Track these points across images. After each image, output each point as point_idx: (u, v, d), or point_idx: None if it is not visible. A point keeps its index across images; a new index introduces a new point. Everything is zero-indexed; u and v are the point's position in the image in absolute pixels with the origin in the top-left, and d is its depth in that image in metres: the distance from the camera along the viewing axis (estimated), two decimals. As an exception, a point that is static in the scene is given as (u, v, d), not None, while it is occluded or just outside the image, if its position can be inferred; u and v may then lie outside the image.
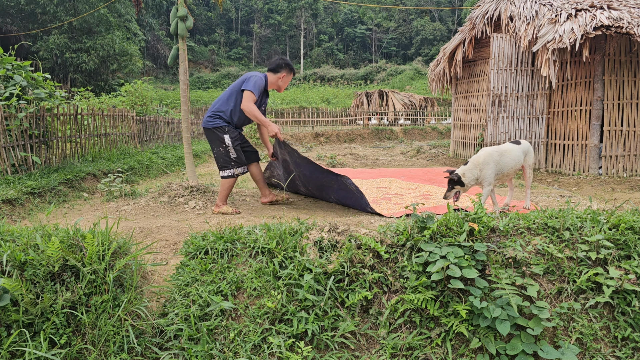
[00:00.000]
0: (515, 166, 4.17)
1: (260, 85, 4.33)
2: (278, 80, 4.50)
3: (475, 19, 9.66)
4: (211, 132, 4.40)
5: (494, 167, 4.00)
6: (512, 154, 4.15)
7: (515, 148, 4.23)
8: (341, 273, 2.21)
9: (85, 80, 26.45)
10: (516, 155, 4.18)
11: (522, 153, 4.25)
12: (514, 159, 4.14)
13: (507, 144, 4.28)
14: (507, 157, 4.09)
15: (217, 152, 4.45)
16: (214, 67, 54.05)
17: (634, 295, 2.07)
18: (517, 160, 4.17)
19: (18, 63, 6.67)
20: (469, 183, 3.97)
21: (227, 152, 4.42)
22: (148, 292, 2.30)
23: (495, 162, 4.00)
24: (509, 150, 4.15)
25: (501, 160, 4.05)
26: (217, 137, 4.38)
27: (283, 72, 4.48)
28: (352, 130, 19.23)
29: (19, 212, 4.90)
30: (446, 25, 58.12)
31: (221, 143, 4.39)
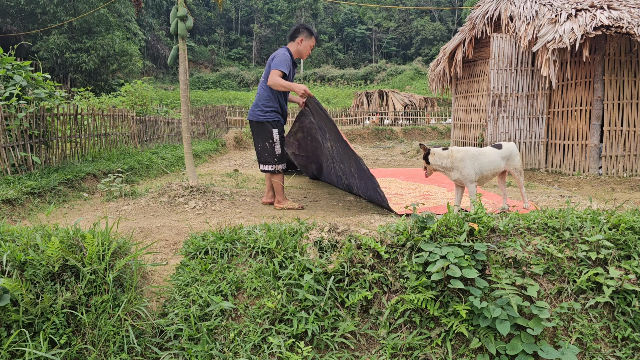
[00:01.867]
0: (494, 170, 4.11)
1: (286, 59, 4.29)
2: (297, 46, 4.44)
3: (475, 19, 9.66)
4: (260, 126, 4.37)
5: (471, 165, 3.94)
6: (490, 157, 4.09)
7: (494, 152, 4.16)
8: (341, 273, 2.21)
9: (85, 80, 26.44)
10: (493, 159, 4.11)
11: (500, 158, 4.16)
12: (492, 162, 4.08)
13: (487, 147, 4.23)
14: (485, 159, 4.03)
15: (261, 146, 4.43)
16: (214, 67, 54.04)
17: (634, 295, 2.06)
18: (495, 164, 4.11)
19: (18, 63, 6.67)
20: (433, 164, 3.99)
21: (272, 148, 4.40)
22: (148, 292, 2.30)
23: (471, 160, 3.95)
24: (487, 153, 4.10)
25: (478, 159, 3.99)
26: (266, 130, 4.36)
27: (300, 36, 4.43)
28: (352, 130, 19.23)
29: (19, 212, 4.90)
30: (446, 25, 58.11)
31: (269, 137, 4.37)
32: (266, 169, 4.48)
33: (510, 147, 4.29)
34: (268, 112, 4.37)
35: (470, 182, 3.95)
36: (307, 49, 4.50)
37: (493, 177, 4.22)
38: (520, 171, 4.32)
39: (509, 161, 4.24)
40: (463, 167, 3.94)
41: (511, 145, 4.31)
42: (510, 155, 4.23)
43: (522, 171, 4.33)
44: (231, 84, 48.76)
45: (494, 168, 4.11)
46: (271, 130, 4.36)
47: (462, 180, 3.98)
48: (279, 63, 4.26)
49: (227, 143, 14.98)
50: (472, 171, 3.94)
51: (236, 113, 20.49)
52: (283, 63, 4.26)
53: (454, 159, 3.96)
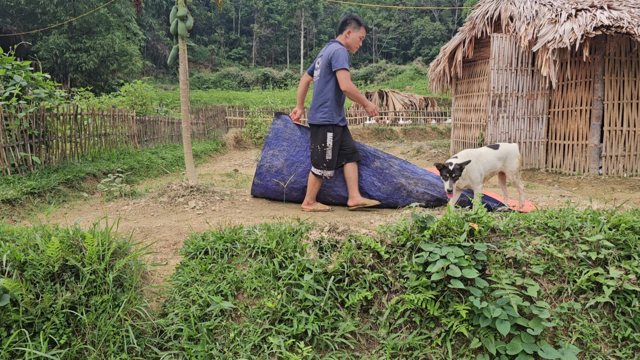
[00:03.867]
0: (491, 170, 4.08)
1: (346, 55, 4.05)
2: (345, 39, 4.17)
3: (475, 18, 9.66)
4: (316, 128, 4.21)
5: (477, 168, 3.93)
6: (486, 157, 4.06)
7: (490, 153, 4.12)
8: (341, 273, 2.21)
9: (85, 80, 26.45)
10: (490, 159, 4.07)
11: (496, 159, 4.12)
12: (489, 161, 4.05)
13: (484, 147, 4.16)
14: (484, 160, 4.01)
15: (314, 148, 4.26)
16: (214, 67, 54.06)
17: (634, 295, 2.06)
18: (492, 165, 4.08)
19: (18, 63, 6.67)
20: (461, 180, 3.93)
21: (323, 152, 4.20)
22: (148, 292, 2.30)
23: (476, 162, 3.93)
24: (484, 154, 4.07)
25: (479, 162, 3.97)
26: (321, 133, 4.18)
27: (348, 28, 4.15)
28: (352, 130, 19.23)
29: (19, 212, 4.90)
30: (446, 25, 58.11)
31: (322, 141, 4.18)
32: (315, 172, 4.29)
33: (509, 148, 4.21)
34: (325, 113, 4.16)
35: (477, 184, 3.93)
36: (357, 41, 4.20)
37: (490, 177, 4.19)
38: (516, 173, 4.21)
39: (506, 162, 4.18)
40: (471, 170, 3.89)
41: (510, 147, 4.22)
42: (507, 156, 4.17)
43: (517, 174, 4.22)
44: (231, 84, 48.78)
45: (491, 168, 4.08)
46: (325, 134, 4.17)
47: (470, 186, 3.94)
48: (343, 60, 3.99)
49: (227, 143, 14.98)
50: (478, 173, 3.93)
51: (236, 113, 20.48)
52: (345, 60, 4.00)
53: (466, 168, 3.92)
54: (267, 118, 17.67)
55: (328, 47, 4.17)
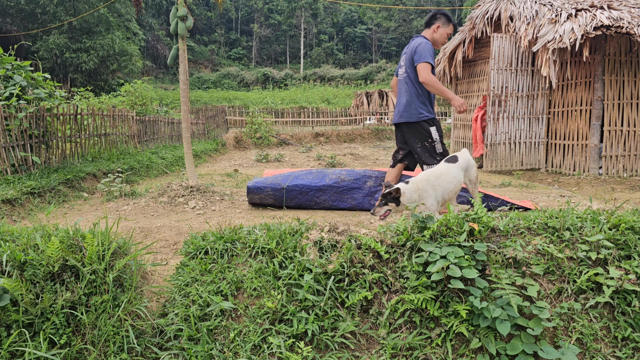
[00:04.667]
0: (457, 187, 3.63)
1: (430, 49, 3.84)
2: (433, 34, 4.00)
3: (475, 19, 9.66)
4: (415, 126, 3.96)
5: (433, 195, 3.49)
6: (449, 175, 3.62)
7: (452, 168, 3.68)
8: (341, 273, 2.21)
9: (85, 80, 26.45)
10: (453, 176, 3.63)
11: (460, 170, 3.68)
12: (452, 180, 3.61)
13: (443, 164, 3.70)
14: (444, 180, 3.57)
15: (421, 146, 4.00)
16: (214, 67, 54.07)
17: (634, 295, 2.06)
18: (457, 180, 3.64)
19: (18, 63, 6.67)
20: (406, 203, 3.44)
21: (433, 147, 3.97)
22: (148, 292, 2.30)
23: (433, 188, 3.50)
24: (446, 172, 3.62)
25: (438, 185, 3.53)
26: (424, 129, 3.95)
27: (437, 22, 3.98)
28: (352, 130, 19.23)
29: (19, 212, 4.90)
30: (446, 25, 58.01)
31: (428, 137, 3.95)
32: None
33: (467, 156, 3.78)
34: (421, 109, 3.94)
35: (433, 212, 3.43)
36: (444, 37, 4.03)
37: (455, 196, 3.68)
38: (475, 183, 3.81)
39: (467, 172, 3.74)
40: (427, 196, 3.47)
41: (466, 155, 3.80)
42: (467, 165, 3.74)
43: (476, 183, 3.81)
44: (231, 84, 48.79)
45: (456, 186, 3.62)
46: (428, 129, 3.96)
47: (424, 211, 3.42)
48: (425, 53, 3.79)
49: (227, 143, 14.98)
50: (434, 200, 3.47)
51: (236, 113, 20.48)
52: (428, 53, 3.79)
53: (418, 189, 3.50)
54: (267, 118, 17.68)
55: (412, 42, 3.99)
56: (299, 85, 46.59)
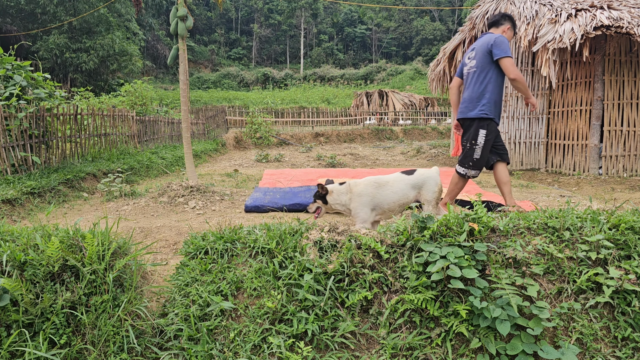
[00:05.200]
0: (400, 201, 3.42)
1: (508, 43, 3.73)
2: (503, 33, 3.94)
3: (475, 18, 9.66)
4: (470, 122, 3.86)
5: (368, 202, 3.34)
6: (394, 187, 3.42)
7: (401, 180, 3.47)
8: (341, 273, 2.21)
9: (85, 80, 26.45)
10: (399, 188, 3.42)
11: (409, 187, 3.45)
12: (396, 192, 3.40)
13: (396, 173, 3.55)
14: (387, 190, 3.40)
15: (463, 144, 3.93)
16: (214, 67, 54.07)
17: (634, 295, 2.06)
18: (402, 195, 3.42)
19: (18, 63, 6.67)
20: (333, 204, 3.43)
21: (472, 150, 3.84)
22: (148, 292, 2.30)
23: (370, 195, 3.36)
24: (391, 182, 3.44)
25: (378, 193, 3.38)
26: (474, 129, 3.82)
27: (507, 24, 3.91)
28: (352, 130, 19.24)
29: (19, 212, 4.90)
30: (446, 25, 58.12)
31: (473, 138, 3.82)
32: (459, 170, 3.95)
33: (428, 175, 3.53)
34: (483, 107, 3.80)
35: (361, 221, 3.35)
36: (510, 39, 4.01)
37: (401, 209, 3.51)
38: (433, 204, 3.48)
39: (421, 190, 3.50)
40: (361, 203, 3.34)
41: (428, 173, 3.55)
42: (424, 182, 3.50)
43: (435, 204, 3.47)
44: (231, 84, 48.79)
45: (400, 199, 3.42)
46: (478, 130, 3.80)
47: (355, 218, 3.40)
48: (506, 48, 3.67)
49: (227, 143, 14.98)
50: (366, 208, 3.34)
51: (236, 113, 20.48)
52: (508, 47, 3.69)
53: (352, 192, 3.40)
54: (267, 118, 17.68)
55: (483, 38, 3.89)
56: (299, 85, 46.60)
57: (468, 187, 6.56)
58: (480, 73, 3.81)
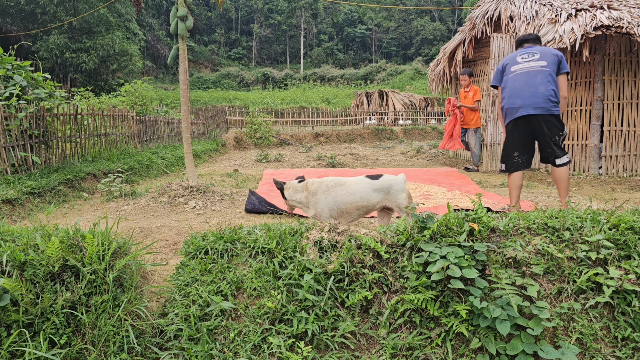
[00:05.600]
0: (357, 203, 3.34)
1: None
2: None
3: (475, 19, 9.66)
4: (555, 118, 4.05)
5: (322, 201, 3.32)
6: (350, 188, 3.35)
7: (361, 182, 3.39)
8: (341, 273, 2.21)
9: (85, 80, 26.46)
10: (357, 190, 3.34)
11: (371, 190, 3.36)
12: (353, 193, 3.33)
13: (360, 177, 3.49)
14: (343, 191, 3.33)
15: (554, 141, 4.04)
16: (214, 67, 54.08)
17: (634, 295, 2.06)
18: (360, 197, 3.33)
19: (18, 63, 6.67)
20: (289, 199, 3.52)
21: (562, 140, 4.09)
22: (148, 292, 2.30)
23: (324, 194, 3.33)
24: (348, 184, 3.38)
25: (333, 192, 3.33)
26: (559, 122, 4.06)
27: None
28: (352, 130, 19.24)
29: (19, 212, 4.90)
30: (446, 25, 58.13)
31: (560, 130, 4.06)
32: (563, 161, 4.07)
33: (392, 180, 3.41)
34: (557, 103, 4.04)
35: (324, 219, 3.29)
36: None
37: (365, 214, 3.45)
38: (406, 212, 3.33)
39: (389, 196, 3.38)
40: (316, 202, 3.33)
41: (394, 179, 3.43)
42: (390, 187, 3.37)
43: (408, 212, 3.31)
44: (231, 84, 48.80)
45: (358, 202, 3.34)
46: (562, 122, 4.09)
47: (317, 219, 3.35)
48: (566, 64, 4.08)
49: (227, 143, 14.99)
50: (326, 207, 3.31)
51: (236, 113, 20.48)
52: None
53: (309, 192, 3.41)
54: (267, 118, 17.68)
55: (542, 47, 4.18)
56: (299, 85, 46.60)
57: (468, 187, 6.56)
58: (552, 73, 4.03)
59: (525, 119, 4.06)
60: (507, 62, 4.26)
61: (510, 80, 4.18)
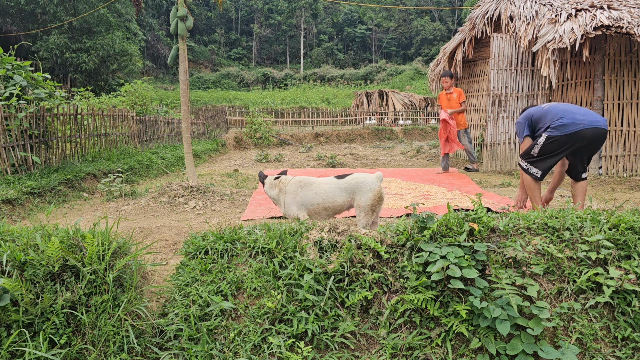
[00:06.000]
0: (324, 203, 3.34)
1: None
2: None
3: (475, 19, 9.66)
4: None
5: (291, 200, 3.37)
6: (318, 189, 3.34)
7: (328, 182, 3.38)
8: (341, 273, 2.21)
9: (85, 80, 26.45)
10: (324, 190, 3.33)
11: (338, 190, 3.32)
12: (320, 194, 3.33)
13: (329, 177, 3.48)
14: (310, 191, 3.35)
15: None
16: (214, 67, 54.07)
17: (634, 295, 2.06)
18: (326, 197, 3.33)
19: (18, 63, 6.67)
20: (267, 193, 3.61)
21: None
22: (148, 292, 2.30)
23: (293, 193, 3.38)
24: (317, 184, 3.38)
25: (302, 192, 3.36)
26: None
27: None
28: (352, 130, 19.23)
29: (19, 212, 4.90)
30: (446, 25, 58.12)
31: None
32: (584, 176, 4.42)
33: (360, 179, 3.33)
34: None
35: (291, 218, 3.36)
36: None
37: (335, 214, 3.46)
38: (366, 211, 3.27)
39: (355, 195, 3.32)
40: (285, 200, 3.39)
41: (363, 178, 3.34)
42: (357, 187, 3.31)
43: (368, 211, 3.27)
44: (231, 84, 48.79)
45: (323, 202, 3.34)
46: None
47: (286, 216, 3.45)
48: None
49: (227, 143, 14.99)
50: (293, 206, 3.36)
51: (236, 113, 20.47)
52: None
53: (280, 190, 3.46)
54: (267, 118, 17.67)
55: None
56: (299, 86, 46.59)
57: (468, 187, 6.56)
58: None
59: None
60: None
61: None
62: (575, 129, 4.17)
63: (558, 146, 4.26)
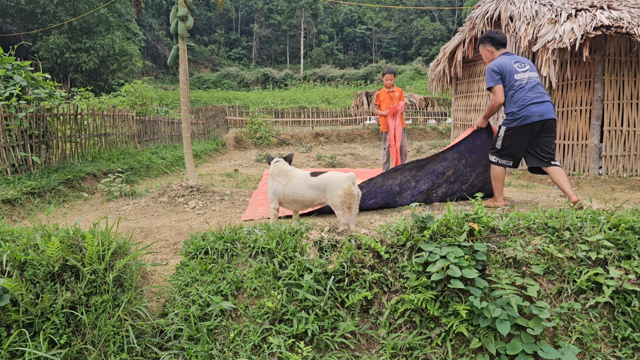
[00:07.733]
0: (292, 197, 3.52)
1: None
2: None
3: (475, 19, 9.66)
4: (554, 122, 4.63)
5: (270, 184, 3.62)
6: (291, 182, 3.54)
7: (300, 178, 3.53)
8: (341, 273, 2.21)
9: (85, 80, 26.45)
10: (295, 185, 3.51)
11: (307, 187, 3.46)
12: (291, 187, 3.52)
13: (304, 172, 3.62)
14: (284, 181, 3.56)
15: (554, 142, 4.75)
16: (214, 67, 54.08)
17: (634, 295, 2.06)
18: (295, 191, 3.50)
19: (18, 63, 6.67)
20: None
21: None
22: (148, 292, 2.30)
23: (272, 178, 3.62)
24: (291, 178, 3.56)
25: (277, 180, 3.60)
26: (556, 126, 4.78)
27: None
28: (352, 130, 19.24)
29: (19, 212, 4.90)
30: (446, 25, 58.13)
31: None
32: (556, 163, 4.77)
33: (329, 179, 3.40)
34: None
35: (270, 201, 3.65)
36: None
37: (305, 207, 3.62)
38: (341, 208, 3.32)
39: (325, 194, 3.42)
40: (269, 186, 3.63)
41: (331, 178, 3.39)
42: (325, 187, 3.39)
43: (343, 209, 3.32)
44: (231, 84, 48.80)
45: (292, 194, 3.52)
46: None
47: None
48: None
49: (227, 143, 14.99)
50: (272, 191, 3.63)
51: (236, 113, 20.47)
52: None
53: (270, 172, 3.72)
54: (267, 118, 17.67)
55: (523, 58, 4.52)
56: (299, 86, 46.59)
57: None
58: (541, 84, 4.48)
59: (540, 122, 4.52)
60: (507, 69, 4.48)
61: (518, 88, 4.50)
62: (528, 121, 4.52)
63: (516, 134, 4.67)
